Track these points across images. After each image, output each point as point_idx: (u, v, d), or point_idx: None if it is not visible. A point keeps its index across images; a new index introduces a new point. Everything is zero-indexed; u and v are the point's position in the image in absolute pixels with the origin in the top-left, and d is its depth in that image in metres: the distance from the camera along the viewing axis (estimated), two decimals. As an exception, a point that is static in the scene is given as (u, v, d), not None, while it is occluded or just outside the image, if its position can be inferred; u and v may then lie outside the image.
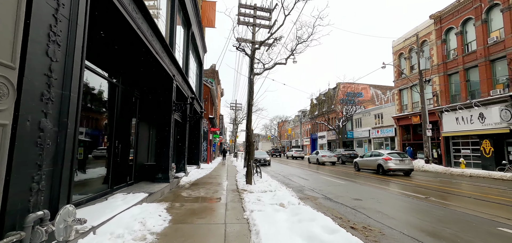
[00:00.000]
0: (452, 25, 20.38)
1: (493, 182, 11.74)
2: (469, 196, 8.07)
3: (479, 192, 8.95)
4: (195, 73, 17.01)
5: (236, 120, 40.21)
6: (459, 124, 19.26)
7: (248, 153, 9.33)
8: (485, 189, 9.64)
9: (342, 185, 10.32)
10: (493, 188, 9.85)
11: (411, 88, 25.00)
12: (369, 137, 32.00)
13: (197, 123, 16.78)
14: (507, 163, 14.11)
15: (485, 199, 7.66)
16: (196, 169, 15.18)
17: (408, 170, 14.60)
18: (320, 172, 16.65)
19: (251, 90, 9.73)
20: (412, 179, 12.70)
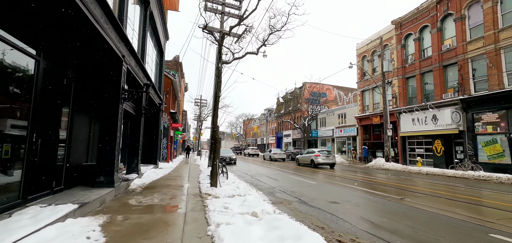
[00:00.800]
0: (411, 32, 21.61)
1: (448, 179, 12.36)
2: (440, 196, 8.04)
3: (450, 191, 9.10)
4: (155, 61, 15.14)
5: (201, 117, 38.26)
6: (415, 125, 20.49)
7: (214, 151, 8.17)
8: (452, 187, 9.91)
9: (313, 186, 9.75)
10: (452, 185, 10.21)
11: (372, 89, 26.13)
12: (333, 136, 32.93)
13: (155, 117, 14.95)
14: (458, 162, 15.20)
15: (465, 200, 7.65)
16: (153, 169, 13.44)
17: (332, 164, 18.99)
18: (286, 170, 16.14)
19: (219, 80, 8.56)
20: (379, 178, 12.79)
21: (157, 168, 14.65)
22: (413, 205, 6.54)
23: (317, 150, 19.79)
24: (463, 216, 5.50)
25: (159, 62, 16.27)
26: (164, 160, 20.10)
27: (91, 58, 6.73)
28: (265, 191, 8.49)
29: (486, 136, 15.63)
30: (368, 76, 26.63)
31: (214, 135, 8.27)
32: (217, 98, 8.33)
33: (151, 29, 13.10)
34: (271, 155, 28.35)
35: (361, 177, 12.95)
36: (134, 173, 9.74)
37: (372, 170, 18.13)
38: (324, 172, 15.68)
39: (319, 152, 19.10)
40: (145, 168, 12.73)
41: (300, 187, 9.31)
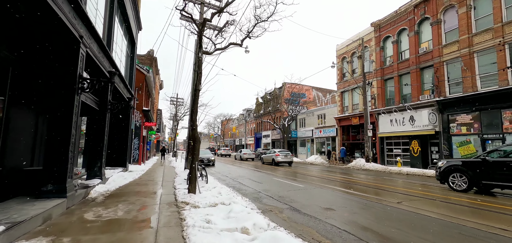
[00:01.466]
0: (390, 34, 22.03)
1: (429, 180, 12.40)
2: (434, 198, 7.72)
3: (442, 195, 8.88)
4: (125, 52, 13.59)
5: (177, 116, 36.36)
6: (393, 125, 20.86)
7: (192, 152, 7.11)
8: (442, 189, 9.75)
9: (300, 189, 9.06)
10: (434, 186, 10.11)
11: (352, 90, 26.40)
12: (312, 137, 32.93)
13: (124, 114, 13.40)
14: (436, 161, 15.47)
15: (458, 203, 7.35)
16: (122, 173, 11.94)
17: (290, 162, 22.14)
18: (266, 171, 15.39)
19: (199, 72, 7.51)
20: (364, 179, 12.48)
21: (126, 172, 13.11)
22: (415, 211, 6.04)
23: (277, 150, 23.86)
24: (481, 225, 5.06)
25: (130, 53, 14.70)
26: (135, 162, 18.37)
27: (38, 36, 5.38)
28: (250, 196, 7.60)
29: (461, 137, 16.16)
30: (348, 77, 26.88)
31: (193, 134, 7.21)
32: (196, 92, 7.29)
33: (120, 15, 11.62)
34: (241, 155, 31.30)
35: (346, 178, 12.56)
36: (96, 178, 8.32)
37: (354, 170, 18.03)
38: (304, 173, 15.16)
39: (279, 152, 22.62)
40: (111, 172, 11.22)
41: (288, 191, 8.55)
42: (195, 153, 7.10)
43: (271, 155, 22.94)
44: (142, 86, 19.01)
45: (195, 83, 7.38)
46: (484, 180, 8.13)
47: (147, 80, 19.83)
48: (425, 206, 6.47)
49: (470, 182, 8.47)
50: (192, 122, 7.17)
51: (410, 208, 6.28)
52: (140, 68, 18.59)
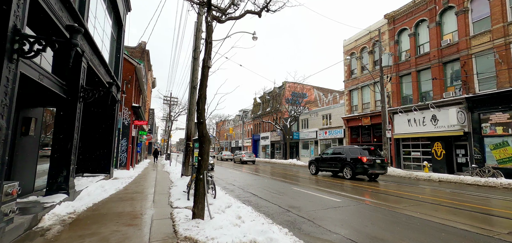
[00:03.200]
0: (406, 27, 20.21)
1: (478, 189, 10.43)
2: (505, 216, 5.66)
3: (501, 207, 6.84)
4: (109, 34, 11.21)
5: (171, 116, 33.81)
6: (411, 126, 18.97)
7: (200, 156, 4.81)
8: (503, 201, 7.72)
9: (340, 207, 6.88)
10: (490, 198, 8.10)
11: (361, 89, 24.50)
12: (317, 138, 30.90)
13: (106, 106, 11.01)
14: (476, 167, 13.60)
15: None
16: (103, 181, 9.52)
17: (253, 161, 29.72)
18: (278, 178, 13.16)
19: (209, 40, 5.25)
20: (399, 190, 10.39)
21: (109, 179, 10.67)
22: None
23: (243, 152, 32.86)
24: None
25: (117, 37, 12.30)
26: (123, 166, 15.87)
27: None
28: (280, 218, 5.36)
29: (495, 138, 14.31)
30: (357, 75, 25.00)
31: (200, 130, 4.92)
32: (205, 70, 5.03)
33: (102, -17, 9.27)
34: (241, 158, 30.26)
35: (374, 188, 10.45)
36: (60, 193, 5.94)
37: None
38: (316, 179, 12.99)
39: (244, 153, 30.68)
40: (88, 181, 8.80)
41: (325, 209, 6.35)
42: (204, 157, 4.80)
43: (240, 156, 30.18)
44: (132, 79, 16.56)
45: (205, 57, 5.11)
46: (321, 169, 15.45)
47: (138, 72, 17.39)
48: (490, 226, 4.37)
49: (316, 169, 15.91)
50: (199, 113, 4.90)
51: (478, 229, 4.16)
52: (130, 59, 16.15)
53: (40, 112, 6.61)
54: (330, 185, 11.08)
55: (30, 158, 6.25)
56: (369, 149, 13.51)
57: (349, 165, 13.30)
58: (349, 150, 13.89)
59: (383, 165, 13.05)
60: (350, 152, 13.66)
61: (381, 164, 12.96)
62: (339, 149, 14.81)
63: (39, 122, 6.53)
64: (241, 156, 29.48)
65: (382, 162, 13.10)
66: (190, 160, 11.40)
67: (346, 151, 13.97)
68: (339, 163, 14.03)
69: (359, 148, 13.75)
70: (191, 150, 11.41)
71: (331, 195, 8.36)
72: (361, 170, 12.75)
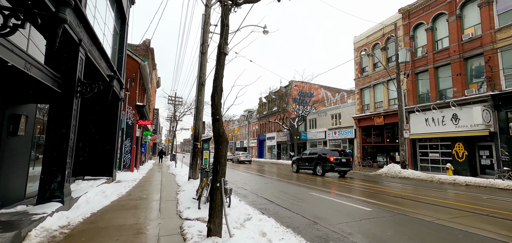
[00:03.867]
0: (422, 21, 19.18)
1: (510, 195, 9.44)
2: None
3: None
4: (111, 28, 10.50)
5: (176, 116, 33.15)
6: (429, 126, 17.94)
7: (216, 159, 3.98)
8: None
9: (374, 218, 6.01)
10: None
11: (373, 87, 23.50)
12: (325, 139, 29.93)
13: (108, 104, 10.30)
14: (508, 169, 12.56)
15: None
16: (105, 185, 8.77)
17: (250, 160, 32.30)
18: (288, 181, 12.30)
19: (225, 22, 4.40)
20: (431, 196, 9.45)
21: (111, 183, 9.93)
22: None
23: (241, 152, 34.92)
24: None
25: (120, 31, 11.58)
26: (126, 168, 15.16)
27: None
28: (312, 236, 4.51)
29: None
30: (368, 72, 24.01)
31: (215, 128, 4.10)
32: (221, 56, 4.20)
33: (103, -30, 8.53)
34: (239, 158, 32.65)
35: (401, 194, 9.54)
36: (53, 201, 5.18)
37: (393, 179, 15.01)
38: (337, 183, 12.10)
39: (241, 154, 33.39)
40: (88, 186, 8.06)
41: (358, 221, 5.49)
42: (221, 161, 3.97)
43: (236, 156, 33.11)
44: (136, 77, 15.86)
45: (221, 42, 4.28)
46: (300, 168, 17.25)
47: (142, 70, 16.68)
48: None
49: (297, 168, 17.80)
50: (215, 108, 4.07)
51: None
52: (133, 55, 15.45)
53: (33, 109, 5.87)
54: (348, 189, 10.18)
55: (20, 161, 5.50)
56: (337, 150, 16.00)
57: (320, 163, 15.55)
58: (321, 151, 16.20)
59: (348, 163, 15.41)
60: (322, 152, 15.93)
61: (346, 162, 15.30)
62: (314, 150, 17.23)
63: (32, 120, 5.78)
64: (239, 156, 32.74)
65: (347, 161, 15.42)
66: (198, 162, 10.63)
67: (319, 152, 16.28)
68: (313, 162, 16.26)
69: (329, 149, 16.28)
70: (199, 151, 10.63)
71: (356, 202, 7.47)
72: (329, 168, 14.97)
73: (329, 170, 15.02)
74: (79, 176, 9.58)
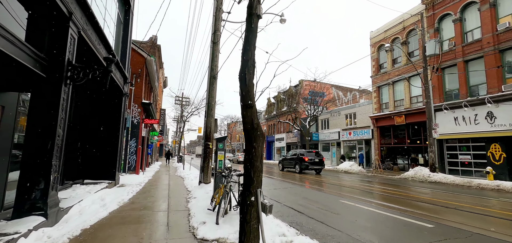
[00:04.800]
0: (449, 11, 17.66)
1: None
2: None
3: None
4: (114, 15, 9.47)
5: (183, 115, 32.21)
6: (459, 125, 16.38)
7: (247, 166, 2.78)
8: None
9: (428, 228, 4.71)
10: None
11: (393, 84, 22.00)
12: (339, 140, 28.46)
13: (114, 102, 9.25)
14: None
15: None
16: (105, 190, 7.68)
17: None
18: (311, 186, 11.02)
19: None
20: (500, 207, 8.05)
21: (113, 187, 8.85)
22: None
23: (239, 154, 37.03)
24: None
25: (123, 20, 10.56)
26: (131, 170, 14.13)
27: None
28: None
29: None
30: (387, 69, 22.51)
31: (248, 118, 2.90)
32: (253, 19, 3.03)
33: None
34: (238, 158, 35.55)
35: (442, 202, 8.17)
36: (34, 214, 4.07)
37: (424, 184, 13.56)
38: (368, 189, 10.76)
39: (240, 155, 34.67)
40: (85, 191, 6.97)
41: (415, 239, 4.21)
42: (256, 164, 2.78)
43: (236, 157, 35.88)
44: (142, 73, 14.85)
45: (251, 2, 3.10)
46: (285, 166, 19.83)
47: (148, 66, 15.68)
48: None
49: (282, 167, 20.23)
50: (246, 91, 2.86)
51: None
52: (138, 49, 14.45)
53: (14, 99, 4.78)
54: (381, 196, 8.85)
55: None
56: (312, 151, 18.84)
57: (298, 163, 18.17)
58: (299, 152, 18.92)
59: (320, 163, 18.17)
60: (300, 154, 18.62)
61: (318, 162, 18.09)
62: (296, 151, 19.81)
63: (12, 112, 4.69)
64: (238, 157, 35.67)
65: (320, 160, 18.21)
66: (209, 164, 9.46)
67: (298, 153, 18.98)
68: (293, 161, 18.98)
69: (305, 151, 19.27)
70: (211, 152, 9.48)
71: (403, 214, 6.16)
72: (304, 166, 17.74)
73: (305, 168, 17.76)
74: (78, 180, 8.54)
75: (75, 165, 8.38)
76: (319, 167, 18.08)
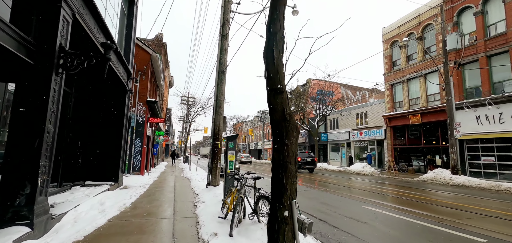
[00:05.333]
0: (469, 4, 16.65)
1: None
2: None
3: None
4: (118, 11, 8.93)
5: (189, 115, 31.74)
6: (481, 124, 15.36)
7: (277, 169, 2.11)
8: None
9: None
10: None
11: (407, 82, 21.01)
12: (349, 140, 27.52)
13: (117, 97, 8.70)
14: None
15: None
16: (106, 193, 7.10)
17: (250, 161, 35.62)
18: (336, 192, 10.27)
19: None
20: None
21: (116, 189, 8.26)
22: None
23: (242, 154, 37.99)
24: None
25: (127, 13, 10.00)
26: (136, 171, 13.59)
27: None
28: None
29: None
30: (401, 66, 21.53)
31: (278, 105, 2.22)
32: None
33: None
34: (240, 159, 34.53)
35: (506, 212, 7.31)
36: (18, 224, 3.45)
37: (447, 188, 12.64)
38: (388, 193, 9.94)
39: (243, 155, 34.54)
40: (84, 194, 6.39)
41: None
42: (289, 167, 2.08)
43: (238, 158, 32.37)
44: (147, 70, 14.32)
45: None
46: None
47: (154, 63, 15.15)
48: None
49: None
50: (274, 73, 2.20)
51: None
52: (143, 45, 13.92)
53: (0, 89, 4.20)
54: (404, 201, 8.03)
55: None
56: (305, 151, 20.70)
57: None
58: None
59: (312, 162, 19.61)
60: None
61: (310, 162, 19.57)
62: None
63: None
64: (241, 157, 34.78)
65: (311, 160, 19.63)
66: (218, 165, 8.81)
67: None
68: None
69: (299, 152, 19.56)
70: (219, 152, 8.82)
71: (441, 223, 5.36)
72: (297, 166, 21.16)
73: (298, 167, 23.41)
74: (78, 182, 7.98)
75: (75, 165, 7.82)
76: (311, 166, 19.69)
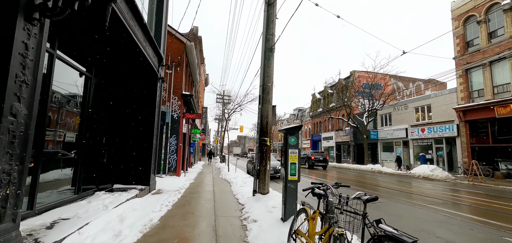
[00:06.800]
0: None
1: None
2: None
3: None
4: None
5: (225, 113, 30.68)
6: None
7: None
8: None
9: None
10: None
11: (490, 65, 16.87)
12: (407, 138, 23.67)
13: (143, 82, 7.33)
14: None
15: None
16: (134, 200, 5.65)
17: None
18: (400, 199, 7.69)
19: None
20: None
21: (146, 196, 6.85)
22: None
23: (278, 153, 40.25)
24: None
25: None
26: (172, 171, 12.42)
27: None
28: None
29: None
30: (480, 46, 17.38)
31: None
32: None
33: None
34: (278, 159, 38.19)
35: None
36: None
37: None
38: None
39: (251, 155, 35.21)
40: (104, 204, 4.96)
41: None
42: None
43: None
44: (182, 61, 13.10)
45: None
46: None
47: (188, 53, 13.91)
48: None
49: None
50: None
51: None
52: (177, 33, 12.70)
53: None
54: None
55: None
56: (317, 151, 25.73)
57: (307, 161, 22.87)
58: (309, 152, 24.32)
59: (324, 161, 22.70)
60: (309, 154, 23.40)
61: (322, 160, 22.71)
62: (306, 152, 24.78)
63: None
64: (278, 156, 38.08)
65: (324, 159, 22.78)
66: (267, 167, 6.87)
67: (308, 154, 23.76)
68: (304, 159, 23.15)
69: (312, 151, 25.91)
70: (268, 150, 6.89)
71: None
72: (311, 163, 22.42)
73: (312, 165, 22.49)
74: (105, 185, 6.74)
75: (100, 166, 6.58)
76: (324, 164, 22.81)
